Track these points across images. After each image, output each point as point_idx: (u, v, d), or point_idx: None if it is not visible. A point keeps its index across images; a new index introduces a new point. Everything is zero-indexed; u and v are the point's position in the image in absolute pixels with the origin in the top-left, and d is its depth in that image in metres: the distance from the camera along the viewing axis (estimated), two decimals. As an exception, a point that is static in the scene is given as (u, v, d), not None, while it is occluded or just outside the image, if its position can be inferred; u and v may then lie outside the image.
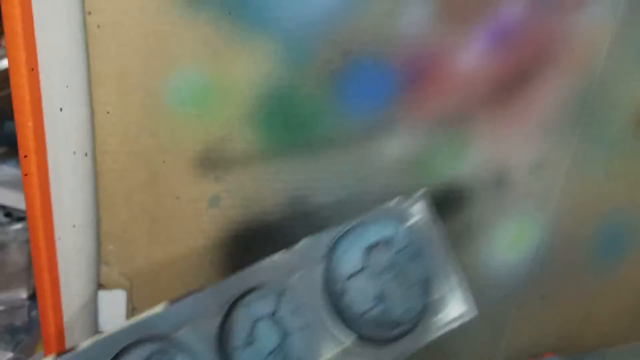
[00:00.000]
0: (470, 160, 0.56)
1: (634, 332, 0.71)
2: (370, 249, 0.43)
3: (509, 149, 0.57)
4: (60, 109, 0.42)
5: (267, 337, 0.38)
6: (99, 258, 0.50)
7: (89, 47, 0.43)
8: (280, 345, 0.38)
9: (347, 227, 0.44)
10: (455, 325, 0.45)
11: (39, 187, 0.41)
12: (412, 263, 0.43)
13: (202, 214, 0.51)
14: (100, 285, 0.50)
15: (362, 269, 0.42)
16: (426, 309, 0.44)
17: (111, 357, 0.35)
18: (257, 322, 0.38)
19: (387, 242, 0.44)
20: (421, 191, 0.46)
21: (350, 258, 0.42)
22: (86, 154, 0.45)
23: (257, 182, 0.52)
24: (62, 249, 0.45)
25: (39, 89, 0.39)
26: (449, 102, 0.53)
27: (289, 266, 0.41)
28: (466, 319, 0.46)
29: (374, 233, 0.44)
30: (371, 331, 0.41)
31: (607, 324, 0.70)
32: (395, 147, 0.54)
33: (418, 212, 0.46)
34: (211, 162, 0.50)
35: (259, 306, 0.39)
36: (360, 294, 0.42)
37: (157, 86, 0.47)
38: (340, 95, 0.51)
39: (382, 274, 0.43)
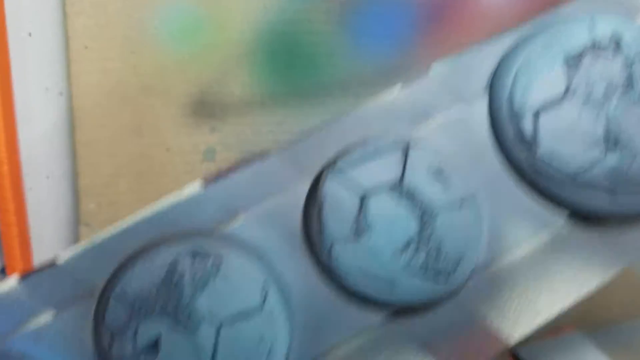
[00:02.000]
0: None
1: (660, 302, 0.66)
2: (578, 57, 0.23)
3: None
4: (30, 34, 0.36)
5: (393, 221, 0.22)
6: (78, 218, 0.44)
7: None
8: (423, 233, 0.22)
9: (524, 30, 0.25)
10: None
11: (4, 124, 0.36)
12: None
13: (195, 168, 0.46)
14: (80, 249, 0.43)
15: (565, 94, 0.23)
16: None
17: (112, 269, 0.23)
18: (368, 197, 0.23)
19: (609, 45, 0.24)
20: None
21: (538, 75, 0.24)
22: (61, 93, 0.39)
23: (257, 133, 0.46)
24: (34, 203, 0.39)
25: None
26: (474, 43, 0.48)
27: (417, 106, 0.24)
28: None
29: (580, 31, 0.24)
30: (602, 202, 0.24)
31: (632, 294, 0.65)
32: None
33: None
34: (206, 108, 0.45)
35: (367, 171, 0.23)
36: (569, 137, 0.23)
37: (142, 17, 0.41)
38: (352, 32, 0.45)
39: (607, 98, 0.24)
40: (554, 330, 0.63)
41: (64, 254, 0.22)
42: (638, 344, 0.64)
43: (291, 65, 0.45)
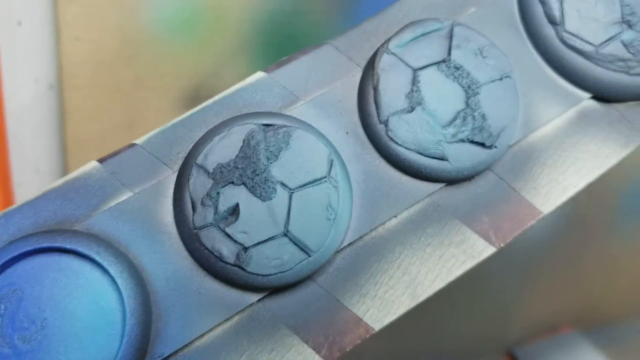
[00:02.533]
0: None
1: (657, 300, 0.66)
2: None
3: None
4: (19, 23, 0.34)
5: (442, 94, 0.25)
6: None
7: None
8: (469, 105, 0.25)
9: None
10: None
11: (-8, 115, 0.33)
12: None
13: None
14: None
15: None
16: None
17: (189, 148, 0.24)
18: (420, 72, 0.25)
19: None
20: None
21: None
22: (51, 86, 0.37)
23: None
24: (23, 199, 0.37)
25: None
26: None
27: (451, 0, 0.27)
28: None
29: None
30: (620, 76, 0.26)
31: (631, 290, 0.64)
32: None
33: None
34: (201, 101, 0.42)
35: (418, 49, 0.25)
36: (590, 17, 0.26)
37: (136, 6, 0.39)
38: (351, 22, 0.44)
39: None
40: (551, 330, 0.63)
41: (141, 137, 0.24)
42: (634, 344, 0.63)
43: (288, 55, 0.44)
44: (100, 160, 0.23)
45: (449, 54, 0.25)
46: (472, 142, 0.24)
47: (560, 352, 0.62)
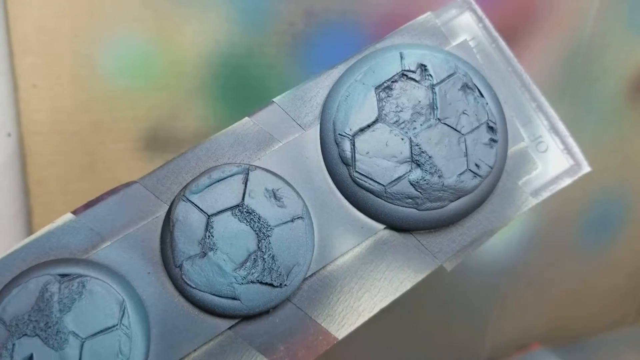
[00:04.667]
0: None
1: (624, 314, 0.66)
2: (389, 86, 0.28)
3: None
4: None
5: (234, 239, 0.26)
6: (32, 256, 0.42)
7: (7, 3, 0.36)
8: (260, 248, 0.26)
9: (348, 63, 0.29)
10: (559, 186, 0.30)
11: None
12: (465, 98, 0.28)
13: None
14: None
15: (377, 119, 0.28)
16: (502, 168, 0.29)
17: None
18: (213, 218, 0.26)
19: (416, 72, 0.28)
20: None
21: (355, 104, 0.28)
22: (9, 134, 0.38)
23: None
24: None
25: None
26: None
27: (261, 134, 0.28)
28: (574, 177, 0.30)
29: (392, 62, 0.28)
30: (409, 211, 0.28)
31: (596, 308, 0.65)
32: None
33: (465, 27, 0.30)
34: (159, 143, 0.44)
35: (213, 195, 0.26)
36: (380, 157, 0.27)
37: (91, 53, 0.39)
38: (305, 64, 0.44)
39: (413, 121, 0.28)
40: (522, 348, 0.63)
41: None
42: (601, 358, 0.63)
43: (245, 98, 0.44)
44: None
45: (243, 198, 0.26)
46: (261, 282, 0.26)
47: (530, 369, 0.62)
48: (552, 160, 0.30)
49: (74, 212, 0.26)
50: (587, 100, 0.54)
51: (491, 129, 0.28)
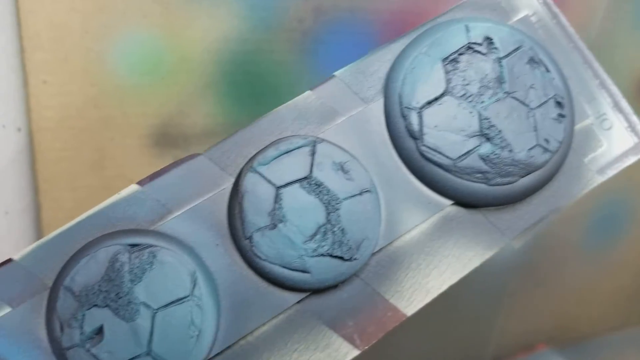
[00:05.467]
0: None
1: (630, 315, 0.66)
2: (456, 58, 0.27)
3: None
4: None
5: (303, 211, 0.25)
6: (41, 252, 0.42)
7: None
8: (329, 221, 0.25)
9: (411, 36, 0.28)
10: (624, 164, 0.30)
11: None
12: (533, 73, 0.27)
13: None
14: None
15: (445, 91, 0.27)
16: (569, 144, 0.28)
17: (61, 265, 0.25)
18: (282, 190, 0.25)
19: (482, 45, 0.28)
20: None
21: (422, 76, 0.27)
22: (19, 129, 0.38)
23: None
24: None
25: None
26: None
27: (324, 108, 0.27)
28: (638, 155, 0.30)
29: (457, 34, 0.28)
30: (479, 186, 0.27)
31: (602, 308, 0.64)
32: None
33: (525, 3, 0.30)
34: (168, 139, 0.44)
35: (281, 167, 0.26)
36: (449, 131, 0.27)
37: (101, 50, 0.39)
38: (313, 61, 0.44)
39: (481, 94, 0.27)
40: (527, 349, 0.63)
41: (20, 252, 0.25)
42: (607, 359, 0.63)
43: (253, 95, 0.44)
44: None
45: (311, 171, 0.26)
46: (332, 255, 0.25)
47: (536, 369, 0.62)
48: (617, 138, 0.29)
49: (139, 183, 0.26)
50: (594, 100, 0.54)
51: (559, 104, 0.28)
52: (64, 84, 0.40)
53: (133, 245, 0.24)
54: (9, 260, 0.24)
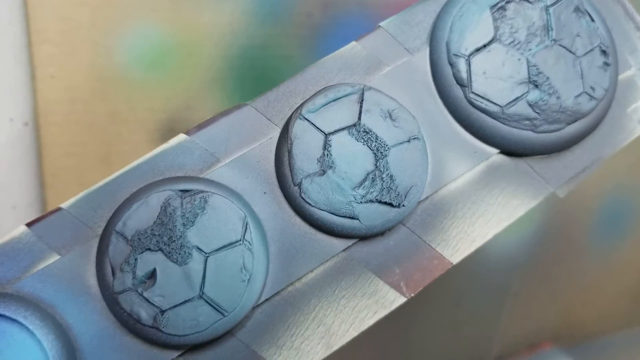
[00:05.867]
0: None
1: (635, 314, 0.65)
2: (503, 6, 0.28)
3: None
4: None
5: (352, 158, 0.26)
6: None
7: None
8: (378, 167, 0.26)
9: None
10: None
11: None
12: (578, 21, 0.28)
13: None
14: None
15: (493, 39, 0.27)
16: (613, 93, 0.29)
17: (110, 213, 0.25)
18: (331, 137, 0.26)
19: None
20: None
21: (469, 24, 0.28)
22: (26, 124, 0.38)
23: None
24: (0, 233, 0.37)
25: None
26: None
27: (370, 58, 0.28)
28: None
29: None
30: (527, 134, 0.27)
31: (607, 307, 0.64)
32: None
33: None
34: (175, 134, 0.43)
35: (330, 114, 0.26)
36: (498, 78, 0.27)
37: (108, 44, 0.39)
38: (322, 55, 0.44)
39: (529, 41, 0.27)
40: (532, 347, 0.62)
41: (68, 201, 0.25)
42: (612, 358, 0.63)
43: (260, 90, 0.44)
44: (29, 225, 0.24)
45: (359, 118, 0.26)
46: (380, 202, 0.25)
47: (541, 367, 0.62)
48: None
49: (187, 133, 0.26)
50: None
51: (604, 52, 0.28)
52: (71, 78, 0.40)
53: (184, 191, 0.24)
54: (58, 209, 0.24)
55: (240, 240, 0.24)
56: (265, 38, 0.42)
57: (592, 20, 0.28)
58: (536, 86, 0.27)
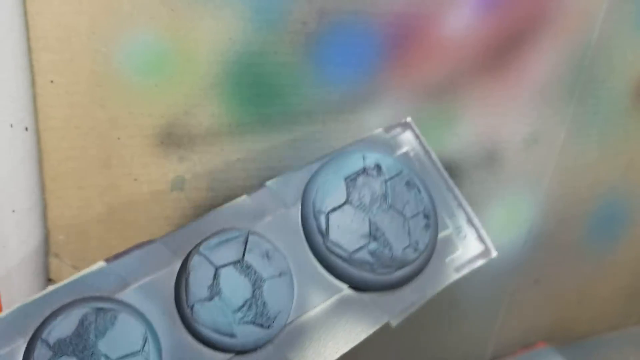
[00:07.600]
0: (460, 134, 0.51)
1: (629, 314, 0.66)
2: (355, 178, 0.38)
3: (500, 123, 0.52)
4: None
5: (235, 287, 0.33)
6: (48, 249, 0.42)
7: (26, 0, 0.36)
8: (254, 296, 0.33)
9: (324, 160, 0.39)
10: (474, 266, 0.39)
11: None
12: (409, 192, 0.38)
13: (163, 198, 0.47)
14: (49, 280, 0.45)
15: (346, 202, 0.37)
16: (433, 247, 0.38)
17: (39, 323, 0.31)
18: (220, 270, 0.33)
19: (374, 170, 0.38)
20: (407, 119, 0.42)
21: (330, 190, 0.37)
22: (27, 129, 0.38)
23: (225, 161, 0.49)
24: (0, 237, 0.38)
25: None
26: (437, 70, 0.48)
27: (256, 209, 0.36)
28: (485, 259, 0.40)
29: (357, 161, 0.38)
30: (367, 275, 0.36)
31: (601, 308, 0.66)
32: (378, 120, 0.49)
33: (406, 142, 0.41)
34: (173, 139, 0.44)
35: (220, 252, 0.34)
36: (347, 231, 0.36)
37: (108, 50, 0.40)
38: (317, 62, 0.46)
39: (371, 205, 0.37)
40: (527, 346, 0.63)
41: (4, 312, 0.30)
42: (605, 358, 0.63)
43: (257, 95, 0.45)
44: None
45: (243, 255, 0.34)
46: (254, 323, 0.33)
47: (535, 366, 0.62)
48: (469, 246, 0.39)
49: (106, 261, 0.33)
50: (594, 101, 0.55)
51: (427, 216, 0.38)
52: (71, 84, 0.41)
53: (99, 309, 0.31)
54: None
55: (140, 350, 0.30)
56: (262, 45, 0.44)
57: (419, 192, 0.38)
58: (375, 239, 0.36)
